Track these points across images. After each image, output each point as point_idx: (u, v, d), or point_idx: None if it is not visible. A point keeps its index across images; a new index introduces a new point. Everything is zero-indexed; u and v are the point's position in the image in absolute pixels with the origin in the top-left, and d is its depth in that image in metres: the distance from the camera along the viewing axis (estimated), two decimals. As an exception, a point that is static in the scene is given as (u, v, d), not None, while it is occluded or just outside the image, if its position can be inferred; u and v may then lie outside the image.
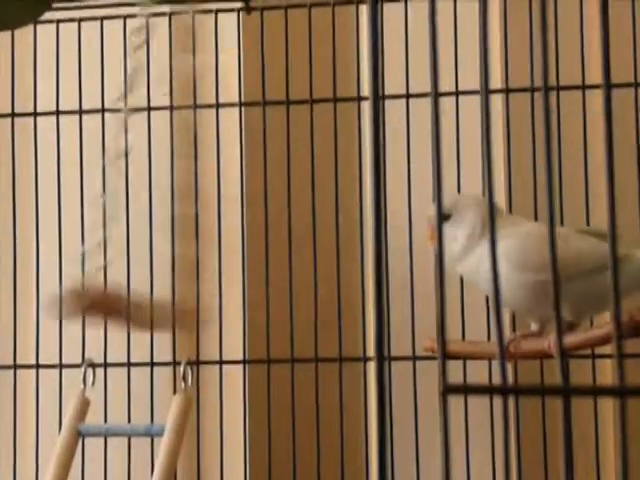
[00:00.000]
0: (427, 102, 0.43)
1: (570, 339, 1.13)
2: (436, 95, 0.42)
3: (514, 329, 1.27)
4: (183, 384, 1.25)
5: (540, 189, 1.27)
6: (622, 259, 1.11)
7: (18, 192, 1.38)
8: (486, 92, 0.42)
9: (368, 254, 1.35)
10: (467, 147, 1.29)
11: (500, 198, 1.33)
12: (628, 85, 1.29)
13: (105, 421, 1.31)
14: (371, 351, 1.31)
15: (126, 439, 1.31)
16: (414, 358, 1.29)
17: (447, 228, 1.15)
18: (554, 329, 0.43)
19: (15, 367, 1.35)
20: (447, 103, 1.30)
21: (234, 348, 1.35)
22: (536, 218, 1.26)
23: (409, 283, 1.29)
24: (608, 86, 0.38)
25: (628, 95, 1.29)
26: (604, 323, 1.18)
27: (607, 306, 1.17)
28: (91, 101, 1.36)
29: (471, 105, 1.26)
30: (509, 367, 1.30)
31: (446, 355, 0.43)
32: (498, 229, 0.45)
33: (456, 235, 1.15)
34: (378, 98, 0.42)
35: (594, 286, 1.13)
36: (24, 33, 1.35)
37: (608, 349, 1.23)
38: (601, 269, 1.12)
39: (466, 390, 0.45)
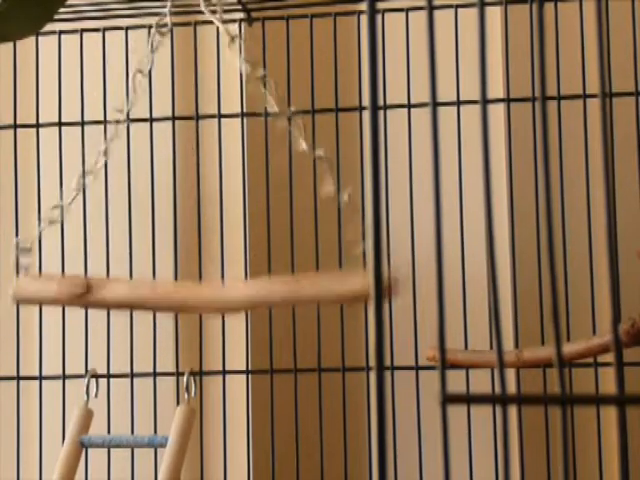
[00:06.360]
0: (429, 111, 0.44)
1: (569, 348, 1.12)
2: (434, 105, 0.42)
3: (516, 339, 1.26)
4: (186, 395, 1.25)
5: (542, 197, 1.27)
6: None
7: (21, 204, 1.38)
8: (484, 101, 0.42)
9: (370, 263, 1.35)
10: (469, 156, 1.29)
11: (502, 206, 1.34)
12: (628, 94, 1.29)
13: (108, 432, 1.31)
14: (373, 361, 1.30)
15: (129, 450, 1.30)
16: (417, 368, 1.29)
17: None
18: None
19: (18, 378, 1.35)
20: (449, 112, 1.30)
21: (237, 358, 1.35)
22: (537, 224, 1.26)
23: (412, 293, 1.29)
24: (604, 95, 0.38)
25: (629, 103, 1.29)
26: (605, 332, 1.17)
27: None
28: (93, 112, 1.36)
29: (473, 115, 1.26)
30: (512, 376, 1.29)
31: (447, 364, 0.43)
32: None
33: None
34: (376, 107, 0.42)
35: None
36: (26, 44, 1.36)
37: (611, 357, 1.23)
38: None
39: (466, 400, 0.45)
